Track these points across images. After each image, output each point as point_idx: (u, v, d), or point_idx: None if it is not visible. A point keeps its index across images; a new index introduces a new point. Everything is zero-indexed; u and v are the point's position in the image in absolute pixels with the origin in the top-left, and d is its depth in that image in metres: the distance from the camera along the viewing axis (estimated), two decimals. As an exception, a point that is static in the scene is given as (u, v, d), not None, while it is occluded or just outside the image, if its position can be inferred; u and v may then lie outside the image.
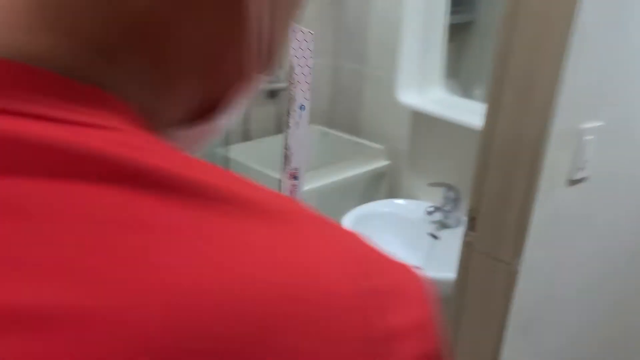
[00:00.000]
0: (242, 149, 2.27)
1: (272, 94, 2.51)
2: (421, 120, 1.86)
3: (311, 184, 2.08)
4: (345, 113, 2.63)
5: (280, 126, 2.57)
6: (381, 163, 2.31)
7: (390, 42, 2.02)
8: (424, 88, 1.82)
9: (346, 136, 2.48)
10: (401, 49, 1.75)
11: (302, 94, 0.44)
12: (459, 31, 2.26)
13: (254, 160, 2.12)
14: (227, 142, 1.99)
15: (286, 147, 0.45)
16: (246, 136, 2.46)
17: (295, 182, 0.46)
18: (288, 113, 0.44)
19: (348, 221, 1.68)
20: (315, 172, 2.12)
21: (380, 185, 2.38)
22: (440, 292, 1.03)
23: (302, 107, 0.45)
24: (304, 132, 0.45)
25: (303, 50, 0.43)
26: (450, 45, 2.12)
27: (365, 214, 1.75)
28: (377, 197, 2.37)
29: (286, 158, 0.45)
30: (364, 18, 2.42)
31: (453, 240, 1.38)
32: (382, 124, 2.43)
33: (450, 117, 1.60)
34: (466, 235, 1.18)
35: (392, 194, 2.28)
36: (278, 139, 2.51)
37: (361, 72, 2.49)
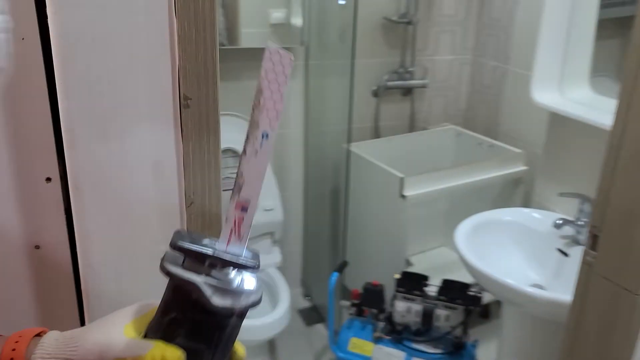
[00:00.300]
0: (369, 146, 2.24)
1: (407, 92, 2.44)
2: (559, 123, 1.67)
3: (441, 184, 1.98)
4: (483, 113, 2.47)
5: (413, 125, 2.49)
6: (517, 168, 2.13)
7: (536, 38, 1.84)
8: (566, 87, 1.62)
9: (482, 137, 2.32)
10: (539, 45, 1.58)
11: (267, 122, 0.40)
12: (627, 26, 1.98)
13: (378, 157, 2.08)
14: (349, 138, 1.98)
15: (238, 175, 0.42)
16: (376, 133, 2.42)
17: (244, 214, 0.42)
18: (247, 138, 0.41)
19: (466, 227, 1.57)
20: (446, 172, 2.01)
21: (516, 192, 2.19)
22: (564, 316, 0.89)
23: (265, 135, 0.41)
24: (263, 162, 0.41)
25: (277, 74, 0.39)
26: (612, 41, 1.87)
27: (487, 221, 1.61)
28: (512, 203, 2.19)
29: (236, 186, 0.42)
30: (509, 12, 2.25)
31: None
32: (522, 126, 2.23)
33: (592, 120, 1.41)
34: (586, 254, 1.02)
35: (529, 201, 2.09)
36: (408, 137, 2.43)
37: (503, 70, 2.31)
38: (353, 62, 1.88)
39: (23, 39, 0.48)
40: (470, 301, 1.74)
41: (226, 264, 0.43)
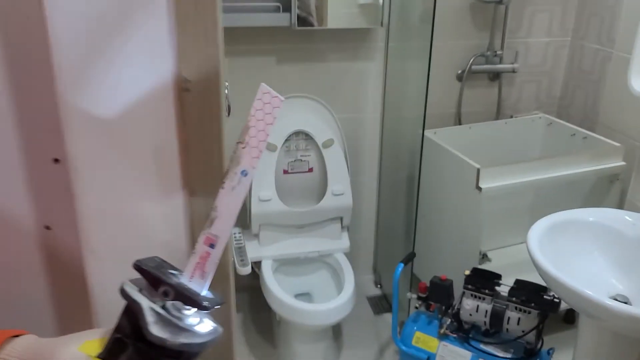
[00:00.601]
0: (448, 133, 2.12)
1: (495, 77, 2.29)
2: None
3: (524, 177, 1.83)
4: (580, 101, 2.26)
5: (500, 112, 2.33)
6: (614, 163, 1.92)
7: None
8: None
9: (576, 128, 2.13)
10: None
11: (249, 160, 0.41)
12: None
13: (457, 145, 1.96)
14: (424, 123, 1.88)
15: (213, 207, 0.41)
16: (458, 120, 2.30)
17: (211, 250, 0.41)
18: (227, 172, 0.39)
19: (542, 226, 1.43)
20: (529, 165, 1.86)
21: (611, 190, 1.99)
22: None
23: (244, 173, 0.41)
24: (238, 199, 0.41)
25: (265, 113, 0.40)
26: None
27: (568, 221, 1.46)
28: (605, 202, 1.99)
29: (209, 219, 0.41)
30: (616, -12, 2.02)
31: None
32: (625, 117, 2.01)
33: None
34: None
35: (624, 201, 1.89)
36: (493, 125, 2.27)
37: (606, 54, 2.09)
38: (431, 44, 1.78)
39: (28, 17, 0.48)
40: (546, 306, 1.61)
41: (179, 295, 0.40)
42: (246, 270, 1.92)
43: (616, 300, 1.32)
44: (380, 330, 2.23)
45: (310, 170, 2.05)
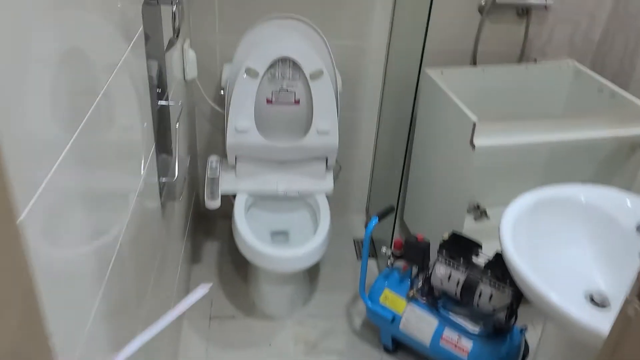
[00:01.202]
0: (456, 74, 1.88)
1: (524, 12, 1.98)
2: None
3: (527, 136, 1.60)
4: (618, 49, 1.94)
5: (524, 54, 2.04)
6: (637, 130, 1.66)
7: None
8: None
9: (606, 82, 1.84)
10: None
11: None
12: None
13: (462, 89, 1.72)
14: (422, 59, 1.63)
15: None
16: (474, 59, 2.02)
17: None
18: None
19: (522, 204, 1.23)
20: (538, 124, 1.62)
21: (630, 160, 1.74)
22: None
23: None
24: None
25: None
26: None
27: (554, 199, 1.25)
28: (621, 174, 1.75)
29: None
30: None
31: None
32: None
33: None
34: (627, 302, 0.71)
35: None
36: (510, 70, 1.99)
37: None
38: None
39: None
40: (522, 285, 1.44)
41: None
42: (214, 204, 1.81)
43: (592, 300, 1.15)
44: (359, 275, 2.12)
45: (297, 102, 1.86)
